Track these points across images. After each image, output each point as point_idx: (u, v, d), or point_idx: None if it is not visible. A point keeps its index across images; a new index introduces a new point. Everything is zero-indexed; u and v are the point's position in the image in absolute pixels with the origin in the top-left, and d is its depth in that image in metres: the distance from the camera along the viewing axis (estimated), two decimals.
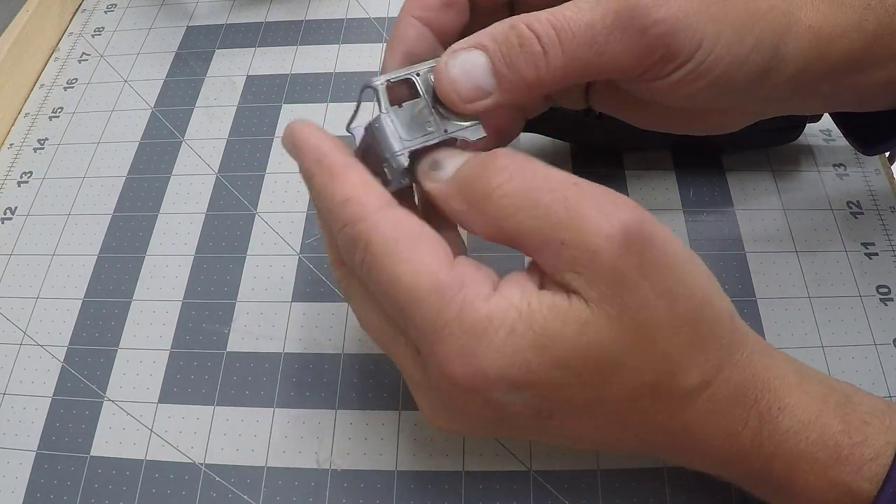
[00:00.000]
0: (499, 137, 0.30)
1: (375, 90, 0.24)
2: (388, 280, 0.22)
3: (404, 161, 0.23)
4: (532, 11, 0.24)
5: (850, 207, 0.36)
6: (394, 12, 0.47)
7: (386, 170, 0.24)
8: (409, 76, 0.24)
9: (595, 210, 0.21)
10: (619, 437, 0.24)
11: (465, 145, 0.25)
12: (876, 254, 0.35)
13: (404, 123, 0.24)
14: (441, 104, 0.24)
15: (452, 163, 0.23)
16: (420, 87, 0.24)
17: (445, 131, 0.24)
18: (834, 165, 0.38)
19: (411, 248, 0.22)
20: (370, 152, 0.25)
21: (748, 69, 0.25)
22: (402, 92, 0.25)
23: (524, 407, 0.22)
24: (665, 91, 0.25)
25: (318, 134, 0.24)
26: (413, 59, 0.26)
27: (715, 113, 0.29)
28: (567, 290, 0.22)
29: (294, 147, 0.25)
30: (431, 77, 0.24)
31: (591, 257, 0.21)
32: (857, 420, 0.23)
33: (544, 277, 0.22)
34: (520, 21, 0.23)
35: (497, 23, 0.24)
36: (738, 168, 0.38)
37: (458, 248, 0.27)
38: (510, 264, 0.25)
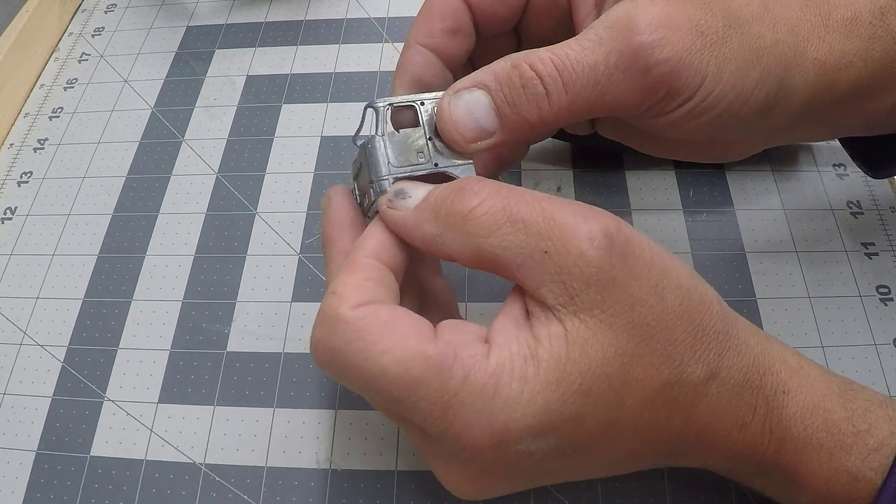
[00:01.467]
0: (501, 165, 0.30)
1: (376, 111, 0.24)
2: (371, 376, 0.21)
3: (387, 185, 0.24)
4: (536, 41, 0.24)
5: (850, 207, 0.36)
6: (394, 12, 0.47)
7: (371, 191, 0.24)
8: (413, 104, 0.25)
9: (573, 216, 0.21)
10: (637, 458, 0.24)
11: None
12: (876, 254, 0.35)
13: (397, 149, 0.24)
14: (439, 137, 0.24)
15: (418, 192, 0.23)
16: (421, 117, 0.25)
17: (436, 165, 0.24)
18: (834, 165, 0.38)
19: (386, 337, 0.21)
20: (362, 170, 0.25)
21: (753, 104, 0.24)
22: (404, 117, 0.25)
23: (549, 450, 0.21)
24: (668, 126, 0.25)
25: (342, 207, 0.25)
26: (420, 85, 0.26)
27: (720, 144, 0.29)
28: (556, 310, 0.21)
29: (323, 211, 0.26)
30: (434, 108, 0.24)
31: (575, 261, 0.21)
32: (859, 408, 0.23)
33: (529, 302, 0.22)
34: (522, 60, 0.23)
35: (499, 60, 0.24)
36: (738, 168, 0.38)
37: (449, 296, 0.27)
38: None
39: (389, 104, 0.25)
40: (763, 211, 0.36)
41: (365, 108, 0.25)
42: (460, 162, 0.24)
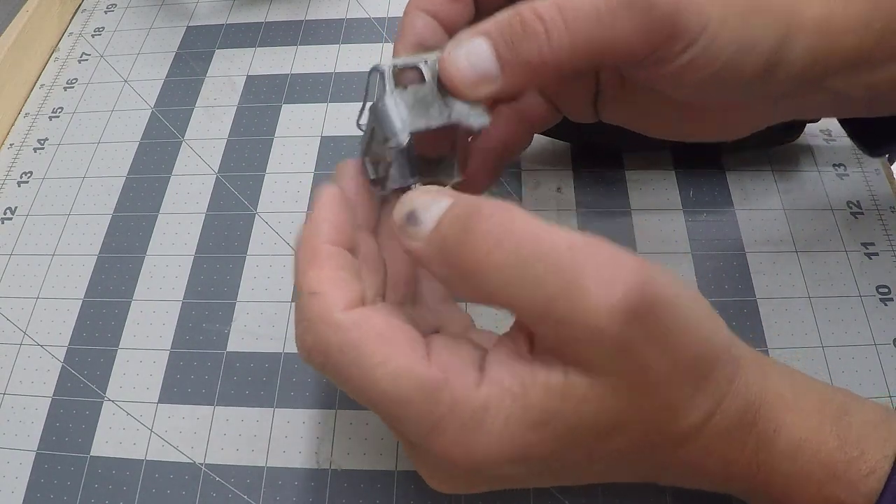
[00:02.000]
0: (507, 151, 0.30)
1: (381, 73, 0.24)
2: (362, 386, 0.21)
3: (404, 139, 0.23)
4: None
5: (850, 207, 0.36)
6: (394, 12, 0.47)
7: (389, 156, 0.24)
8: (417, 63, 0.24)
9: (594, 280, 0.19)
10: (617, 475, 0.24)
11: (465, 147, 0.25)
12: (876, 254, 0.35)
13: (408, 106, 0.24)
14: (448, 92, 0.24)
15: (430, 215, 0.21)
16: (427, 74, 0.24)
17: (449, 117, 0.24)
18: (834, 165, 0.38)
19: (379, 351, 0.21)
20: (375, 135, 0.24)
21: (755, 59, 0.24)
22: (409, 79, 0.24)
23: (529, 472, 0.22)
24: (672, 79, 0.25)
25: (333, 201, 0.24)
26: (422, 49, 0.26)
27: (722, 114, 0.29)
28: (563, 360, 0.20)
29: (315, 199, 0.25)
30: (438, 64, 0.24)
31: (592, 335, 0.20)
32: (853, 434, 0.23)
33: (537, 339, 0.21)
34: (524, 5, 0.23)
35: (502, 10, 0.24)
36: (738, 168, 0.38)
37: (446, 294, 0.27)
38: None
39: (394, 65, 0.24)
40: (763, 211, 0.36)
41: (370, 73, 0.24)
42: (472, 111, 0.24)
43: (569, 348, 0.20)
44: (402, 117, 0.23)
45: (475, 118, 0.24)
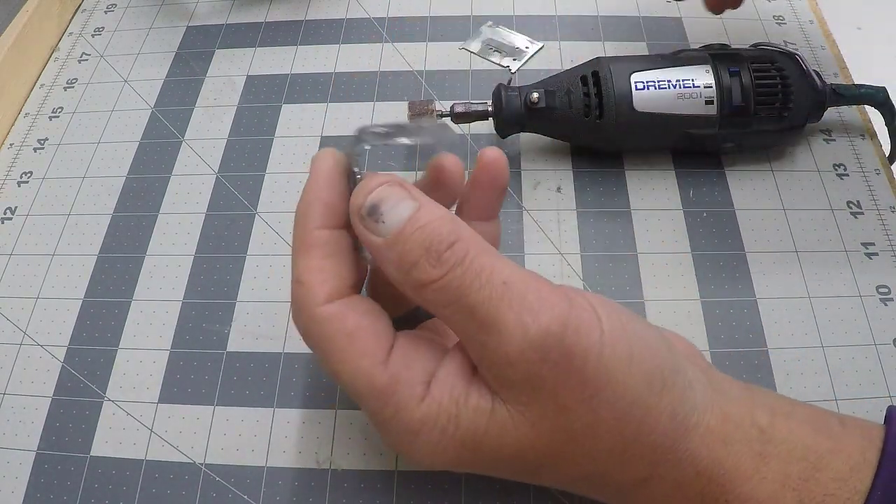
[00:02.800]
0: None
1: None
2: (332, 371, 0.24)
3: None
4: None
5: (850, 207, 0.36)
6: (394, 12, 0.47)
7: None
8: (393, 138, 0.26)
9: (515, 315, 0.22)
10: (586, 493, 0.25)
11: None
12: (876, 254, 0.35)
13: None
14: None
15: (394, 216, 0.23)
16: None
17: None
18: (834, 165, 0.38)
19: (346, 349, 0.23)
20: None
21: None
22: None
23: (470, 469, 0.25)
24: None
25: (327, 175, 0.25)
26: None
27: None
28: (490, 386, 0.23)
29: (309, 174, 0.26)
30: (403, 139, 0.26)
31: (507, 366, 0.22)
32: (818, 495, 0.22)
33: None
34: None
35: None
36: (738, 168, 0.38)
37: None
38: None
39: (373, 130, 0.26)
40: (763, 211, 0.36)
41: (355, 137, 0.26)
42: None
43: (490, 374, 0.23)
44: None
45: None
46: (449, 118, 0.37)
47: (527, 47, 0.38)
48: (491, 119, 0.37)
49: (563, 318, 0.22)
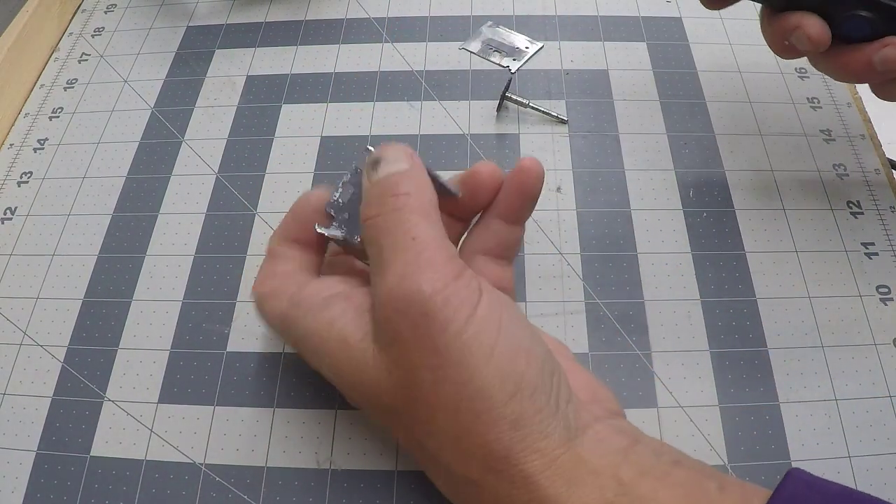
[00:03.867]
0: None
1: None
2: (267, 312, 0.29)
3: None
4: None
5: (850, 207, 0.36)
6: (394, 12, 0.47)
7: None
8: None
9: (401, 266, 0.24)
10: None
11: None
12: (876, 254, 0.35)
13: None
14: None
15: (385, 169, 0.26)
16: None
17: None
18: (834, 165, 0.38)
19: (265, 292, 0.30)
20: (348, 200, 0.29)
21: None
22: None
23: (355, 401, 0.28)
24: None
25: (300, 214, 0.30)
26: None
27: None
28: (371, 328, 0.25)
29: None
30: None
31: (379, 307, 0.25)
32: None
33: None
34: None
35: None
36: (738, 168, 0.38)
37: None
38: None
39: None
40: (763, 211, 0.36)
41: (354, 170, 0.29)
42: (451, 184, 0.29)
43: (371, 313, 0.25)
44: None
45: (453, 187, 0.28)
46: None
47: (527, 47, 0.38)
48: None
49: (440, 285, 0.23)
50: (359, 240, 0.28)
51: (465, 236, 0.30)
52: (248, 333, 0.34)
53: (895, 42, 0.28)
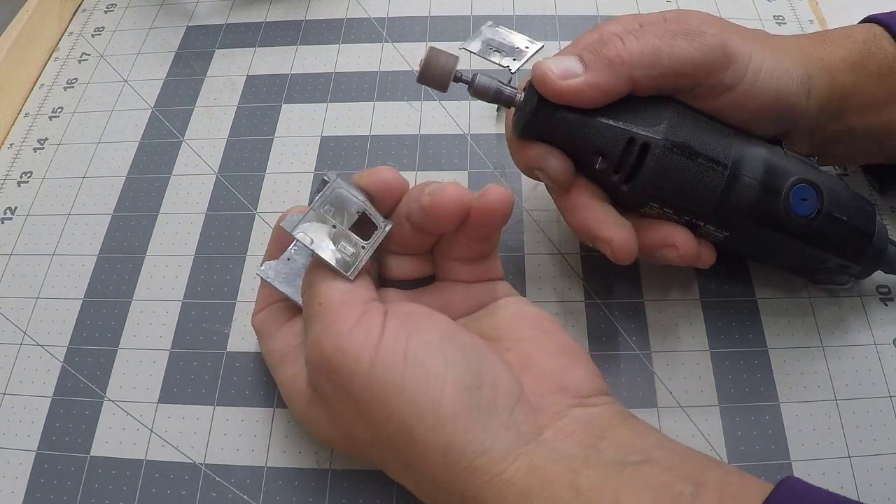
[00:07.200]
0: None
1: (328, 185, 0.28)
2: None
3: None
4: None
5: None
6: (394, 12, 0.47)
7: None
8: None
9: (314, 331, 0.26)
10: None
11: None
12: None
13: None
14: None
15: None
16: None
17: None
18: (835, 165, 0.38)
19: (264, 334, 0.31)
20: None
21: (797, 87, 0.29)
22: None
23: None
24: (736, 107, 0.28)
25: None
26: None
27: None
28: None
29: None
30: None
31: (308, 370, 0.27)
32: None
33: None
34: (604, 28, 0.30)
35: (585, 34, 0.31)
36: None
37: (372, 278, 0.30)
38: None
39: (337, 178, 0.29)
40: None
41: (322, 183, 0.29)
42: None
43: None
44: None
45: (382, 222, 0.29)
46: (468, 87, 0.30)
47: (527, 47, 0.38)
48: (509, 110, 0.31)
49: (340, 342, 0.25)
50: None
51: (437, 243, 0.30)
52: (248, 333, 0.33)
53: (677, 246, 0.28)
